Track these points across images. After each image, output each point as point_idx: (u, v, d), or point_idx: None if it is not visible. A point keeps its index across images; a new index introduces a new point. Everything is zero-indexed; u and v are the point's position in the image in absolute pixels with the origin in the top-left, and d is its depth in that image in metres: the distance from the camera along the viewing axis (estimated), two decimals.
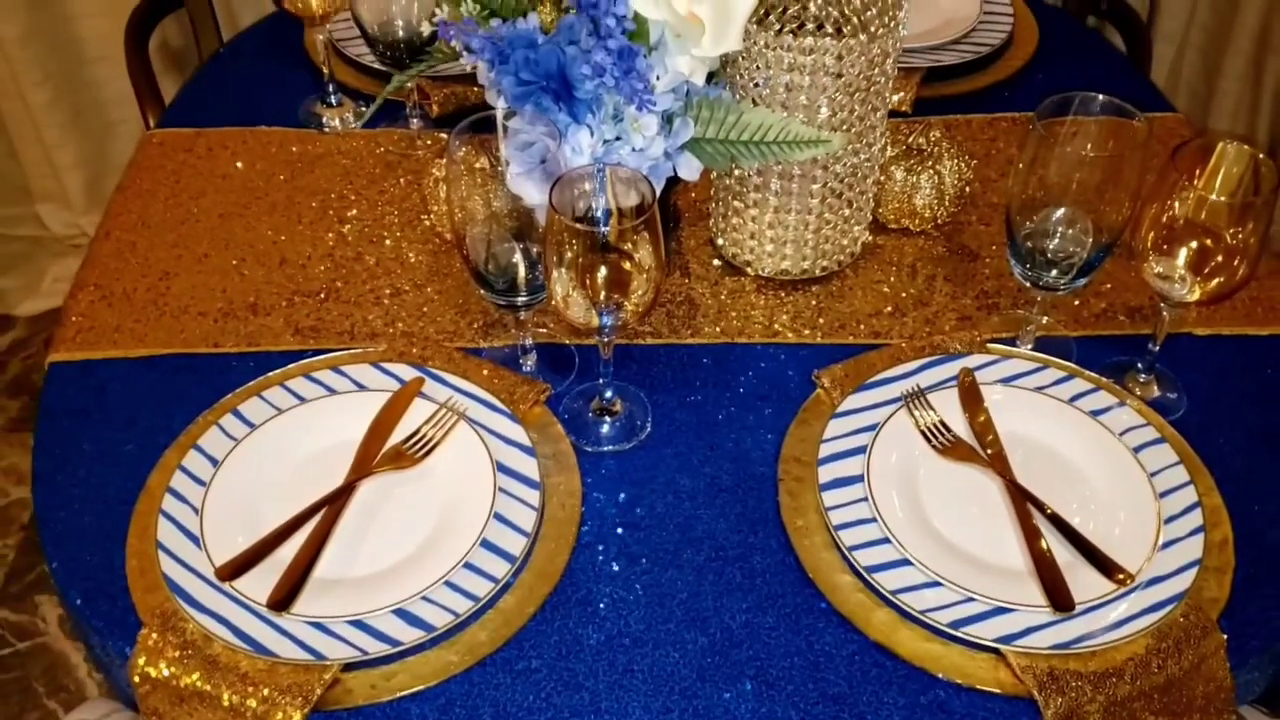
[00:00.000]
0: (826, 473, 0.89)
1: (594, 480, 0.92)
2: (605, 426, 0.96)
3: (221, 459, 0.89)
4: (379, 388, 0.96)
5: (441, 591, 0.81)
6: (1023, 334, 1.03)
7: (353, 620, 0.79)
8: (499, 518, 0.86)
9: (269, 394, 0.95)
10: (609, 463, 0.93)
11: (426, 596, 0.81)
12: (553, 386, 0.98)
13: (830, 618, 0.82)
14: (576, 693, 0.78)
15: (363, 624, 0.79)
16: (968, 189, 1.15)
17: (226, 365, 1.01)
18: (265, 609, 0.79)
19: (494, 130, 0.89)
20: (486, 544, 0.84)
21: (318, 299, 1.08)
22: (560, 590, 0.84)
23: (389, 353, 1.00)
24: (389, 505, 0.88)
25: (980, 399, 0.95)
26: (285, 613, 0.79)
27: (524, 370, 1.01)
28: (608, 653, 0.80)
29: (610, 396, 0.97)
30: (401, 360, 0.99)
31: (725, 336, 1.05)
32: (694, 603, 0.83)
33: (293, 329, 1.05)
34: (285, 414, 0.93)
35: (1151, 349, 0.98)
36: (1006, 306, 1.08)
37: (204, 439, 0.91)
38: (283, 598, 0.80)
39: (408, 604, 0.80)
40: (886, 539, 0.84)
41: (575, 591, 0.84)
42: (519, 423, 0.93)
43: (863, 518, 0.86)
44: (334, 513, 0.86)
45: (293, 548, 0.83)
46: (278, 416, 0.93)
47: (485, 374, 0.98)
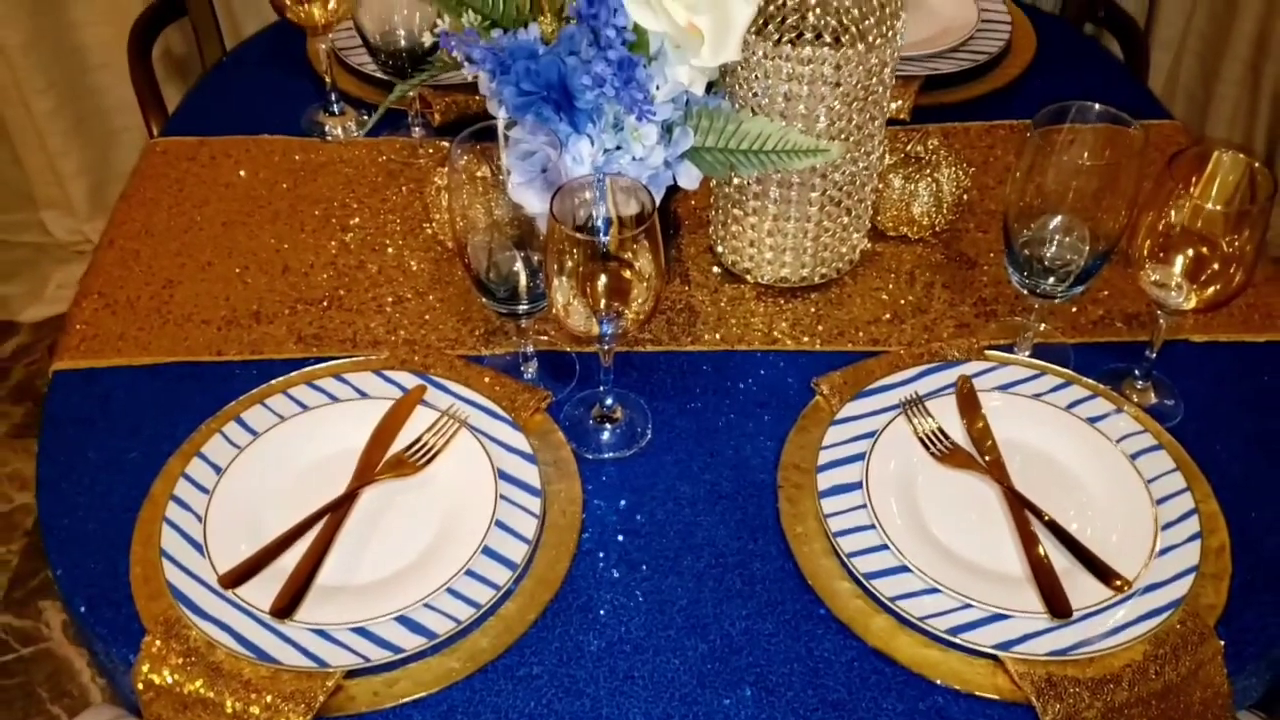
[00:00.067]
0: (825, 480, 0.90)
1: (595, 487, 0.92)
2: (606, 434, 0.97)
3: (225, 467, 0.90)
4: (381, 395, 0.96)
5: (443, 598, 0.82)
6: (1020, 341, 1.03)
7: (355, 627, 0.80)
8: (500, 525, 0.86)
9: (272, 402, 0.96)
10: (610, 470, 0.94)
11: (428, 603, 0.81)
12: (554, 394, 0.99)
13: (829, 624, 0.83)
14: (577, 699, 0.79)
15: (365, 631, 0.80)
16: (965, 196, 1.15)
17: (230, 373, 1.02)
18: (268, 616, 0.80)
19: (495, 139, 0.89)
20: (488, 551, 0.85)
21: (320, 307, 1.09)
22: (561, 597, 0.84)
23: (391, 360, 1.01)
24: (391, 513, 0.89)
25: (978, 406, 0.96)
26: (288, 620, 0.80)
27: (525, 377, 1.01)
28: (608, 659, 0.81)
29: (611, 404, 0.97)
30: (403, 368, 1.00)
31: (725, 344, 1.05)
32: (694, 609, 0.84)
33: (295, 337, 1.06)
34: (288, 422, 0.94)
35: (1149, 356, 0.98)
36: (1004, 313, 1.08)
37: (207, 447, 0.92)
38: (285, 605, 0.80)
39: (410, 611, 0.81)
40: (885, 545, 0.85)
41: (576, 598, 0.84)
42: (520, 430, 0.94)
43: (861, 524, 0.87)
44: (336, 520, 0.87)
45: (295, 555, 0.84)
46: (280, 424, 0.94)
47: (487, 381, 0.99)
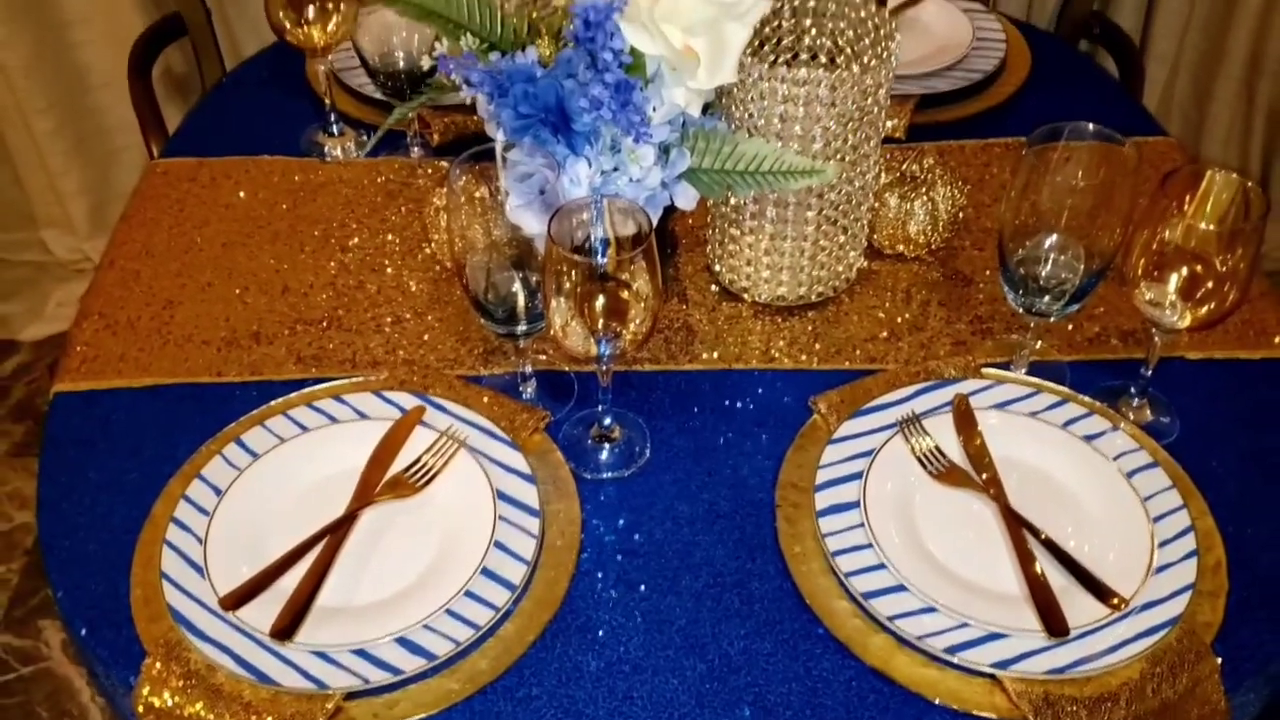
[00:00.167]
0: (823, 499, 0.90)
1: (593, 507, 0.93)
2: (604, 453, 0.97)
3: (225, 488, 0.90)
4: (380, 416, 0.97)
5: (443, 620, 0.82)
6: (1017, 359, 1.04)
7: (355, 649, 0.80)
8: (499, 546, 0.87)
9: (271, 423, 0.96)
10: (608, 489, 0.94)
11: (428, 625, 0.81)
12: (552, 413, 1.00)
13: (827, 644, 0.83)
14: None
15: (365, 653, 0.80)
16: (961, 215, 1.16)
17: (230, 394, 1.02)
18: (268, 638, 0.80)
19: (494, 160, 0.90)
20: (487, 572, 0.85)
21: (320, 327, 1.10)
22: (560, 618, 0.84)
23: (390, 381, 1.01)
24: (390, 534, 0.89)
25: (975, 424, 0.96)
26: (288, 642, 0.80)
27: (524, 397, 1.02)
28: (607, 680, 0.81)
29: (609, 423, 0.98)
30: (402, 388, 1.00)
31: (723, 363, 1.06)
32: (692, 629, 0.84)
33: (295, 357, 1.06)
34: (288, 443, 0.94)
35: (1144, 373, 0.99)
36: (1000, 331, 1.09)
37: (207, 468, 0.92)
38: (285, 627, 0.80)
39: (409, 632, 0.81)
40: (882, 565, 0.85)
41: (575, 619, 0.85)
42: (519, 450, 0.94)
43: (859, 544, 0.87)
44: (336, 542, 0.87)
45: (295, 577, 0.84)
46: (280, 446, 0.94)
47: (485, 401, 0.99)
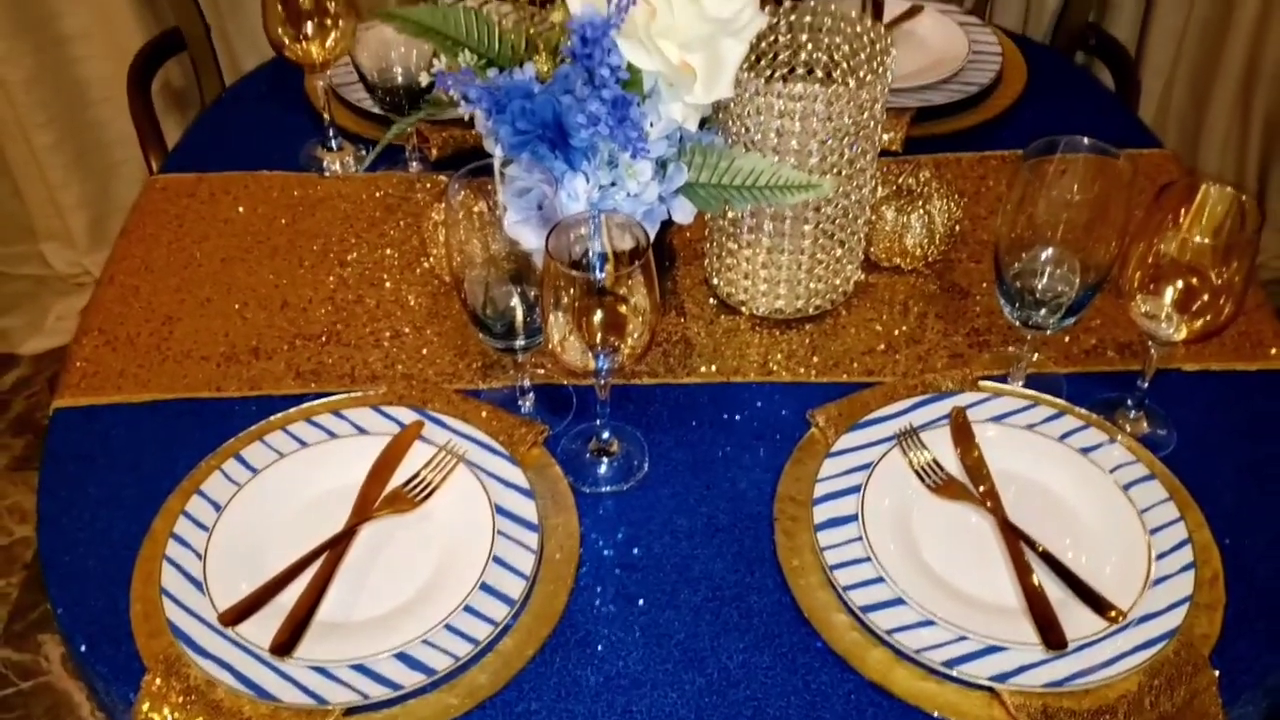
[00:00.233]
0: (821, 512, 0.90)
1: (592, 521, 0.93)
2: (603, 467, 0.97)
3: (224, 504, 0.91)
4: (379, 431, 0.97)
5: (442, 635, 0.82)
6: (1014, 371, 1.04)
7: (354, 664, 0.80)
8: (498, 560, 0.87)
9: (271, 438, 0.96)
10: (607, 503, 0.95)
11: (427, 640, 0.81)
12: (551, 427, 1.00)
13: (826, 657, 0.83)
14: None
15: (364, 668, 0.80)
16: (958, 227, 1.16)
17: (229, 409, 1.02)
18: (268, 654, 0.80)
19: (492, 175, 0.90)
20: (486, 587, 0.85)
21: (319, 342, 1.10)
22: (559, 632, 0.85)
23: (389, 395, 1.02)
24: (389, 549, 0.89)
25: (972, 437, 0.96)
26: (288, 657, 0.80)
27: (522, 411, 1.02)
28: (606, 694, 0.81)
29: (607, 437, 0.98)
30: (401, 403, 1.00)
31: (721, 376, 1.06)
32: (691, 643, 0.84)
33: (294, 372, 1.06)
34: (287, 458, 0.95)
35: (1141, 385, 0.99)
36: (997, 343, 1.09)
37: (207, 484, 0.92)
38: (285, 642, 0.81)
39: (408, 647, 0.81)
40: (880, 578, 0.85)
41: (574, 633, 0.85)
42: (517, 465, 0.94)
43: (857, 557, 0.87)
44: (335, 557, 0.87)
45: (295, 592, 0.84)
46: (279, 461, 0.94)
47: (484, 416, 1.00)
